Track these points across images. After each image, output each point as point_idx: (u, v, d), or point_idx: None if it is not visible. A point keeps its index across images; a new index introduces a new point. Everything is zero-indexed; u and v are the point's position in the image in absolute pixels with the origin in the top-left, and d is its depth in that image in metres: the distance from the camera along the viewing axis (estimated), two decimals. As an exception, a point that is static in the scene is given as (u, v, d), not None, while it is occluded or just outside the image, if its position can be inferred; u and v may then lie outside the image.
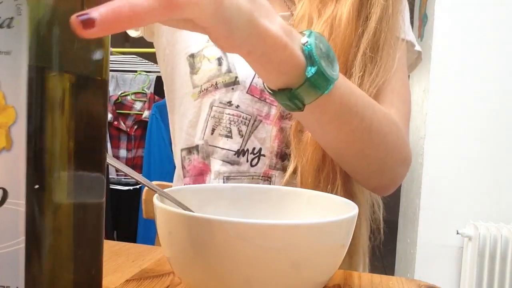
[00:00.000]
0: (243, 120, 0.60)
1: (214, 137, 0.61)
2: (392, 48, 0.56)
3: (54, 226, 0.25)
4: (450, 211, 1.72)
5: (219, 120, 0.61)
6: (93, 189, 0.27)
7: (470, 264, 1.63)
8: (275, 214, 0.44)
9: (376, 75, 0.55)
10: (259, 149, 0.60)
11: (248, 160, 0.60)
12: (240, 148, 0.60)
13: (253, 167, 0.60)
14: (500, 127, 1.68)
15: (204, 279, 0.33)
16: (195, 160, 0.64)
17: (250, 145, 0.60)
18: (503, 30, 1.66)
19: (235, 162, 0.61)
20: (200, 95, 0.62)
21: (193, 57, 0.63)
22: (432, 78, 1.74)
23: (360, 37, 0.55)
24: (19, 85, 0.23)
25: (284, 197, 0.45)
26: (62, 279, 0.26)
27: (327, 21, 0.55)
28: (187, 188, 0.44)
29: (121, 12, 0.24)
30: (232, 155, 0.60)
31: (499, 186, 1.68)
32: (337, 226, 0.33)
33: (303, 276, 0.32)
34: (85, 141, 0.26)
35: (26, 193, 0.23)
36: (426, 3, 1.87)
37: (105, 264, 0.45)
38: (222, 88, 0.60)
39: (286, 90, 0.40)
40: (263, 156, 0.60)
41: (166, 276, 0.42)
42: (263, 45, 0.35)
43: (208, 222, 0.30)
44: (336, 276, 0.44)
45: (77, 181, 0.26)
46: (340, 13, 0.54)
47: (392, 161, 0.55)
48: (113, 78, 2.22)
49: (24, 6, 0.23)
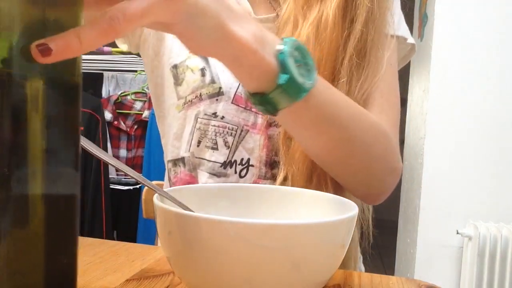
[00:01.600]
0: (229, 131, 0.59)
1: (201, 149, 0.61)
2: (380, 51, 0.55)
3: (20, 217, 0.26)
4: (450, 211, 1.72)
5: (204, 132, 0.60)
6: (64, 183, 0.29)
7: (470, 264, 1.63)
8: (275, 214, 0.44)
9: (364, 80, 0.54)
10: (247, 160, 0.59)
11: (237, 171, 0.59)
12: (226, 159, 0.59)
13: (242, 178, 0.59)
14: (500, 127, 1.68)
15: (204, 279, 0.33)
16: (182, 172, 0.63)
17: (238, 156, 0.59)
18: (503, 30, 1.66)
19: (222, 174, 0.60)
20: (185, 107, 0.61)
21: (176, 68, 0.62)
22: (432, 78, 1.74)
23: (346, 40, 0.54)
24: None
25: (284, 197, 0.45)
26: (29, 272, 0.27)
27: (313, 23, 0.54)
28: (187, 188, 0.44)
29: (72, 43, 0.27)
30: (218, 167, 0.60)
31: (499, 186, 1.68)
32: (337, 226, 0.33)
33: (303, 276, 0.32)
34: (55, 139, 0.28)
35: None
36: (426, 3, 1.87)
37: (105, 264, 0.45)
38: (206, 100, 0.60)
39: (259, 94, 0.40)
40: (251, 166, 0.59)
41: (166, 276, 0.42)
42: (231, 49, 0.36)
43: (208, 222, 0.30)
44: (336, 276, 0.44)
45: (46, 176, 0.27)
46: (326, 15, 0.53)
47: (379, 171, 0.54)
48: (113, 78, 2.22)
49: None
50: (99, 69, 2.15)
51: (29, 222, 0.27)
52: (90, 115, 1.74)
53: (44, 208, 0.27)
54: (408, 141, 2.11)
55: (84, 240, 0.53)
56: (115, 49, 2.03)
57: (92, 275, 0.41)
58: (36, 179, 0.27)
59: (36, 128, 0.27)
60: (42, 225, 0.27)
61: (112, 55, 2.04)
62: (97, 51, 1.98)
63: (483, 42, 1.68)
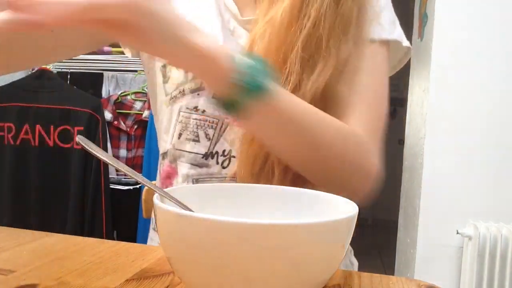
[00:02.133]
0: (209, 124, 0.62)
1: (181, 141, 0.63)
2: (333, 49, 0.57)
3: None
4: (450, 211, 1.72)
5: (185, 125, 0.63)
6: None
7: (470, 264, 1.63)
8: (275, 214, 0.44)
9: (318, 75, 0.56)
10: (229, 151, 0.62)
11: (219, 162, 0.62)
12: (208, 151, 0.62)
13: (224, 168, 0.62)
14: (500, 127, 1.68)
15: (204, 279, 0.33)
16: (165, 164, 0.66)
17: (220, 147, 0.62)
18: (503, 30, 1.66)
19: (203, 165, 0.62)
20: (170, 103, 0.64)
21: (165, 67, 0.65)
22: (432, 78, 1.74)
23: (294, 35, 0.56)
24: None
25: (284, 197, 0.45)
26: None
27: (269, 22, 0.57)
28: (187, 187, 0.44)
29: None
30: (200, 158, 0.62)
31: (499, 186, 1.68)
32: (337, 226, 0.33)
33: (303, 276, 0.32)
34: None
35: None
36: (426, 3, 1.87)
37: (105, 264, 0.45)
38: (188, 94, 0.62)
39: (222, 97, 0.44)
40: (233, 158, 0.61)
41: (166, 276, 0.42)
42: (190, 56, 0.39)
43: (208, 222, 0.30)
44: (336, 276, 0.44)
45: None
46: (276, 12, 0.57)
47: (349, 174, 0.55)
48: (113, 78, 2.22)
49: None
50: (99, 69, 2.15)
51: None
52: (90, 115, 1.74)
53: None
54: (408, 141, 2.11)
55: (84, 240, 0.53)
56: (115, 49, 2.03)
57: (92, 275, 0.42)
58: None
59: None
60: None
61: (112, 55, 2.04)
62: (97, 51, 1.98)
63: (483, 42, 1.68)
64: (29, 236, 0.53)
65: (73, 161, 1.73)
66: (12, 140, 1.70)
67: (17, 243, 0.50)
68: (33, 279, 0.40)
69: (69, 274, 0.42)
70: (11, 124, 1.70)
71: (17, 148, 1.71)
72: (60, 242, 0.52)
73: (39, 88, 1.74)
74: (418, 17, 2.02)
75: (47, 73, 1.77)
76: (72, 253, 0.48)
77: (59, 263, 0.44)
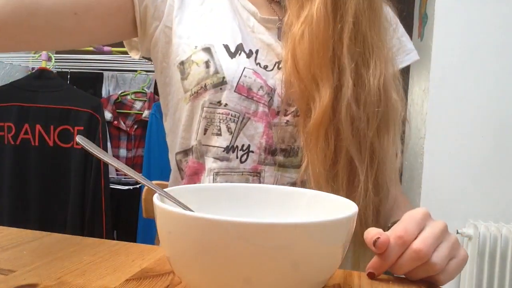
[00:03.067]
0: (231, 118, 0.62)
1: (207, 136, 0.64)
2: (375, 39, 0.59)
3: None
4: (450, 210, 1.72)
5: (211, 120, 0.63)
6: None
7: (470, 264, 1.63)
8: (275, 214, 0.44)
9: (374, 68, 0.58)
10: (247, 146, 0.62)
11: (238, 156, 0.62)
12: (229, 144, 0.62)
13: (242, 163, 0.62)
14: (500, 127, 1.68)
15: (204, 279, 0.33)
16: (190, 160, 0.66)
17: (240, 142, 0.62)
18: (503, 30, 1.66)
19: (224, 158, 0.62)
20: (191, 99, 0.64)
21: (183, 64, 0.65)
22: (432, 78, 1.74)
23: (340, 32, 0.58)
24: None
25: (284, 197, 0.45)
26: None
27: (304, 22, 0.58)
28: (187, 187, 0.44)
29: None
30: (221, 151, 0.63)
31: (499, 186, 1.68)
32: (337, 226, 0.33)
33: (303, 276, 0.32)
34: None
35: None
36: (426, 3, 1.87)
37: (105, 264, 0.45)
38: (211, 89, 0.62)
39: None
40: (251, 153, 0.62)
41: (166, 275, 0.42)
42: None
43: (208, 222, 0.30)
44: (336, 276, 0.44)
45: None
46: (313, 12, 0.58)
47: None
48: (113, 77, 2.22)
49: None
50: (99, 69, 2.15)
51: None
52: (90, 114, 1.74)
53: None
54: (408, 141, 2.11)
55: (84, 240, 0.53)
56: (115, 49, 2.03)
57: (92, 275, 0.42)
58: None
59: None
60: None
61: (112, 54, 2.03)
62: (97, 51, 1.98)
63: (483, 42, 1.68)
64: (29, 235, 0.53)
65: (73, 161, 1.73)
66: (12, 140, 1.70)
67: (17, 242, 0.50)
68: (33, 279, 0.40)
69: (69, 273, 0.42)
70: (11, 123, 1.70)
71: (17, 148, 1.71)
72: (60, 242, 0.52)
73: (39, 88, 1.73)
74: (418, 17, 2.02)
75: (47, 73, 1.77)
76: (72, 253, 0.48)
77: (59, 263, 0.44)
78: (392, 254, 0.42)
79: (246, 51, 0.64)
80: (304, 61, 0.58)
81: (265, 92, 0.63)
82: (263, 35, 0.66)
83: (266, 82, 0.63)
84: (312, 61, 0.57)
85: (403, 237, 0.41)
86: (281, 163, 0.63)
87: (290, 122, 0.62)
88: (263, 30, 0.66)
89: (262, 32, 0.66)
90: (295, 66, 0.59)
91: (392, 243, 0.41)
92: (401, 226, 0.43)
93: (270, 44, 0.65)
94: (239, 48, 0.64)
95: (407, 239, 0.41)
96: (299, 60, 0.58)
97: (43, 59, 1.79)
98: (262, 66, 0.64)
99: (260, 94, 0.62)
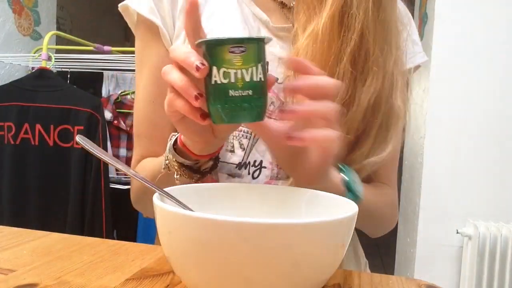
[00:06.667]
0: (244, 134, 0.62)
1: (221, 153, 0.62)
2: (381, 60, 0.58)
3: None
4: (449, 210, 1.72)
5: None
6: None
7: (470, 263, 1.63)
8: (275, 214, 0.44)
9: (368, 86, 0.57)
10: (260, 162, 0.62)
11: (250, 172, 0.62)
12: (242, 161, 0.62)
13: (254, 179, 0.62)
14: (500, 126, 1.68)
15: (204, 279, 0.33)
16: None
17: (252, 157, 0.62)
18: (503, 29, 1.66)
19: (236, 175, 0.62)
20: None
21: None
22: (432, 78, 1.74)
23: (340, 50, 0.57)
24: None
25: (284, 197, 0.45)
26: None
27: (309, 37, 0.57)
28: (187, 187, 0.44)
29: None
30: (233, 168, 0.62)
31: (499, 186, 1.68)
32: (337, 225, 0.33)
33: (303, 276, 0.32)
34: None
35: None
36: (426, 3, 1.87)
37: (105, 263, 0.45)
38: None
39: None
40: (264, 168, 0.62)
41: (166, 275, 0.42)
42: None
43: (208, 221, 0.30)
44: (336, 276, 0.44)
45: None
46: (316, 26, 0.57)
47: (386, 227, 0.70)
48: (113, 77, 2.22)
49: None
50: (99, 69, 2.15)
51: None
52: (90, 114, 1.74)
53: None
54: (408, 141, 2.11)
55: (84, 240, 0.53)
56: (115, 49, 2.03)
57: (92, 274, 0.42)
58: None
59: None
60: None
61: (112, 54, 2.03)
62: (97, 51, 1.98)
63: (483, 41, 1.67)
64: (29, 235, 0.53)
65: (73, 161, 1.73)
66: (12, 139, 1.70)
67: (17, 242, 0.50)
68: (33, 279, 0.40)
69: (69, 273, 0.42)
70: (11, 123, 1.70)
71: (17, 148, 1.70)
72: (60, 242, 0.52)
73: (39, 87, 1.73)
74: (418, 17, 2.02)
75: (47, 73, 1.77)
76: (72, 252, 0.48)
77: (59, 262, 0.44)
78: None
79: None
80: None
81: (276, 106, 0.62)
82: (274, 48, 0.64)
83: (278, 96, 0.62)
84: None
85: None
86: None
87: None
88: (275, 42, 0.64)
89: (273, 45, 0.64)
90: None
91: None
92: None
93: (282, 58, 0.64)
94: None
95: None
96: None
97: (43, 58, 1.78)
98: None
99: (271, 109, 0.62)
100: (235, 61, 0.37)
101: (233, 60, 0.37)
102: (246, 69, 0.37)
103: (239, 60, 0.37)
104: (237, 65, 0.37)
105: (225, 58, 0.37)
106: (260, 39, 0.38)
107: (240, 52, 0.37)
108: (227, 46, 0.37)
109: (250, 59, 0.37)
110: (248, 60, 0.37)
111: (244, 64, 0.37)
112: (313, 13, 0.58)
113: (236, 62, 0.37)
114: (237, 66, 0.37)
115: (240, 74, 0.37)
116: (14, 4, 2.11)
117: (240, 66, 0.37)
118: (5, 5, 2.06)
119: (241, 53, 0.37)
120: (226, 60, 0.37)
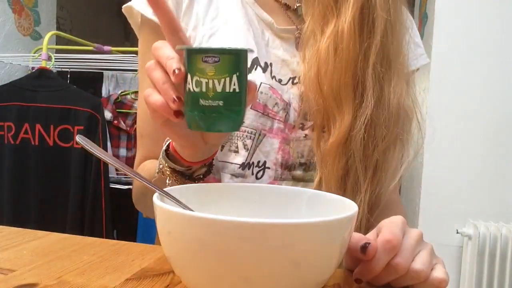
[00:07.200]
0: (248, 135, 0.62)
1: (224, 153, 0.63)
2: (401, 57, 0.59)
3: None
4: (449, 210, 1.72)
5: (228, 137, 0.62)
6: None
7: (470, 263, 1.63)
8: (275, 214, 0.44)
9: (395, 84, 0.58)
10: (263, 162, 0.62)
11: (254, 173, 0.62)
12: (245, 161, 0.61)
13: (258, 179, 0.62)
14: (500, 126, 1.68)
15: (204, 278, 0.33)
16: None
17: (256, 158, 0.62)
18: (503, 29, 1.66)
19: (240, 175, 0.62)
20: None
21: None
22: (432, 78, 1.74)
23: (366, 50, 0.57)
24: None
25: (284, 197, 0.45)
26: None
27: (330, 37, 0.57)
28: (187, 187, 0.44)
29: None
30: (237, 168, 0.62)
31: (499, 186, 1.68)
32: (337, 225, 0.33)
33: (303, 276, 0.32)
34: None
35: None
36: (426, 3, 1.87)
37: (105, 263, 0.45)
38: None
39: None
40: (267, 169, 0.62)
41: (166, 275, 0.42)
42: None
43: (208, 221, 0.30)
44: (336, 276, 0.44)
45: None
46: (342, 28, 0.56)
47: None
48: (113, 77, 2.22)
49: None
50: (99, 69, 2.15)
51: None
52: (90, 114, 1.74)
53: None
54: (408, 141, 2.11)
55: (84, 239, 0.53)
56: (115, 48, 2.03)
57: (92, 274, 0.42)
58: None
59: None
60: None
61: (112, 54, 2.03)
62: (97, 51, 1.98)
63: (483, 41, 1.67)
64: (29, 235, 0.53)
65: (73, 161, 1.73)
66: (12, 139, 1.70)
67: (17, 242, 0.50)
68: (33, 278, 0.40)
69: (69, 273, 0.42)
70: (11, 123, 1.70)
71: (17, 148, 1.70)
72: (60, 242, 0.52)
73: (39, 87, 1.73)
74: (418, 17, 2.02)
75: (47, 73, 1.77)
76: (72, 252, 0.48)
77: (59, 262, 0.44)
78: (381, 260, 0.40)
79: (262, 65, 0.63)
80: (329, 79, 0.57)
81: (281, 108, 0.62)
82: (278, 50, 0.64)
83: (282, 97, 0.62)
84: (337, 79, 0.57)
85: (392, 241, 0.40)
86: (300, 177, 0.63)
87: (309, 136, 0.62)
88: (278, 44, 0.64)
89: (277, 47, 0.64)
90: (318, 83, 0.58)
91: (380, 248, 0.40)
92: (388, 231, 0.41)
93: (285, 60, 0.64)
94: (255, 62, 0.62)
95: (395, 244, 0.40)
96: (323, 77, 0.57)
97: (43, 58, 1.78)
98: (277, 80, 0.63)
99: (275, 110, 0.62)
100: (208, 71, 0.37)
101: (205, 69, 0.37)
102: (218, 79, 0.37)
103: (211, 70, 0.37)
104: (208, 75, 0.37)
105: (198, 66, 0.37)
106: (237, 50, 0.38)
107: (213, 62, 0.37)
108: (202, 55, 0.37)
109: (223, 70, 0.37)
110: (221, 71, 0.37)
111: (216, 75, 0.37)
112: (330, 13, 0.58)
113: (208, 72, 0.37)
114: (209, 76, 0.37)
115: (212, 84, 0.37)
116: (14, 4, 2.11)
117: (212, 76, 0.37)
118: (5, 5, 2.06)
119: (214, 63, 0.37)
120: (199, 69, 0.37)
